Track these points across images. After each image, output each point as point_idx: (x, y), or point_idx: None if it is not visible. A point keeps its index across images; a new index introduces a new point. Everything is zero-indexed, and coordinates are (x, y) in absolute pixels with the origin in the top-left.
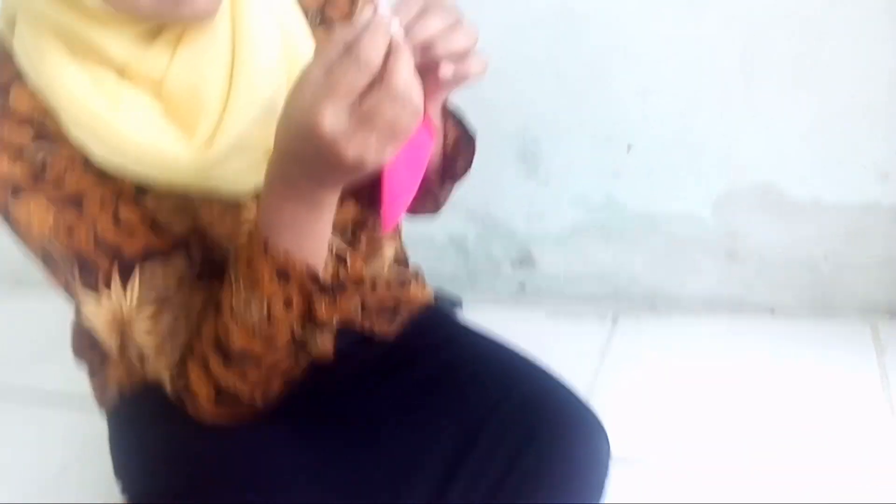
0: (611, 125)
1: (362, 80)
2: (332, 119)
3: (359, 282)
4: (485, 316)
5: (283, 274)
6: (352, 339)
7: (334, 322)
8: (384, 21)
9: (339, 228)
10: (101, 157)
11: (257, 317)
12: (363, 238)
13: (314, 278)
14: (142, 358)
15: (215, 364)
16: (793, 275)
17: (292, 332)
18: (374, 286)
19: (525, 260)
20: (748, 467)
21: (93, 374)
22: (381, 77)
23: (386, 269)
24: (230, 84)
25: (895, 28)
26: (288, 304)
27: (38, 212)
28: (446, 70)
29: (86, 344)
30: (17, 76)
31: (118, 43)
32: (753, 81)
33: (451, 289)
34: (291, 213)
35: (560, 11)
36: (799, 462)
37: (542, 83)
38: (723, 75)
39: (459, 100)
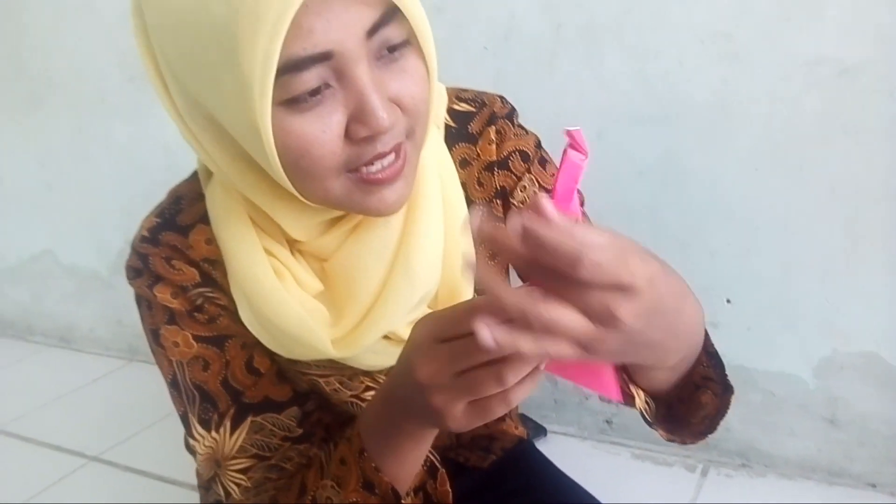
0: (709, 278)
1: (490, 388)
2: (437, 377)
3: (444, 500)
4: (568, 449)
5: (369, 485)
6: (445, 468)
7: None
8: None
9: None
10: (245, 321)
11: None
12: None
13: (396, 499)
14: (226, 497)
15: None
16: None
17: None
18: None
19: None
20: None
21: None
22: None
23: None
24: (388, 278)
25: None
26: None
27: (184, 342)
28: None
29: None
30: (203, 219)
31: (299, 226)
32: (857, 251)
33: (536, 417)
34: (390, 437)
35: (665, 163)
36: None
37: (641, 231)
38: (826, 242)
39: None
